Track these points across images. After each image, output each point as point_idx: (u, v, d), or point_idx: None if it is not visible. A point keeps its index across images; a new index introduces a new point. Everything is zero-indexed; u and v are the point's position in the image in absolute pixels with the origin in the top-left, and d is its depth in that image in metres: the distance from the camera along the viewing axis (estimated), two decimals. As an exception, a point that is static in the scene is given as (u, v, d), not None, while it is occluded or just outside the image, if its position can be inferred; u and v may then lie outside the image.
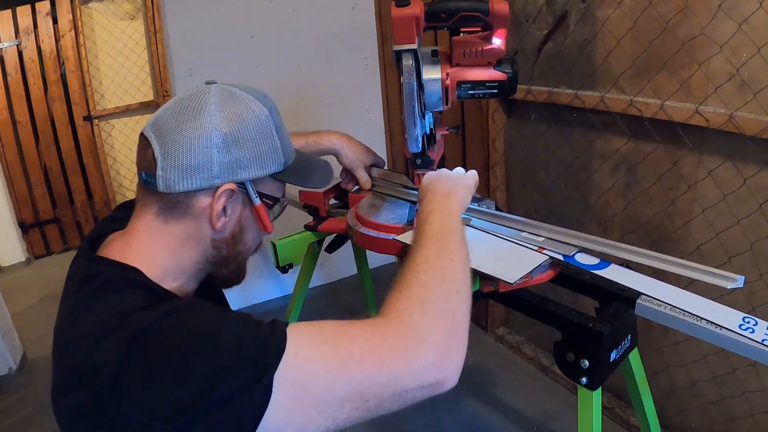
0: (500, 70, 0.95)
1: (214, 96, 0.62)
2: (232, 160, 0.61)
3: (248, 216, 0.66)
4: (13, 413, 1.87)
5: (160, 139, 0.59)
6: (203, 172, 0.59)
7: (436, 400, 0.56)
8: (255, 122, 0.63)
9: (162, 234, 0.62)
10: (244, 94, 0.64)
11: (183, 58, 2.00)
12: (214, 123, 0.60)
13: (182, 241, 0.63)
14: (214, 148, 0.59)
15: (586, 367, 0.80)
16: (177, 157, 0.59)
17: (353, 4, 2.30)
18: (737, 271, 0.75)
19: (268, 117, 0.64)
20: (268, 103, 0.67)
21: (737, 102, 1.11)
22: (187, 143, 0.59)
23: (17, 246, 3.08)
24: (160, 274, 0.62)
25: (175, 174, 0.59)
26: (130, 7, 3.10)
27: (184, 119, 0.60)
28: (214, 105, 0.61)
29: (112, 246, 0.64)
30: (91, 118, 3.11)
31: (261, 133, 0.63)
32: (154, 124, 0.61)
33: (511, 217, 0.97)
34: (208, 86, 0.64)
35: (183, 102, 0.62)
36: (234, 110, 0.62)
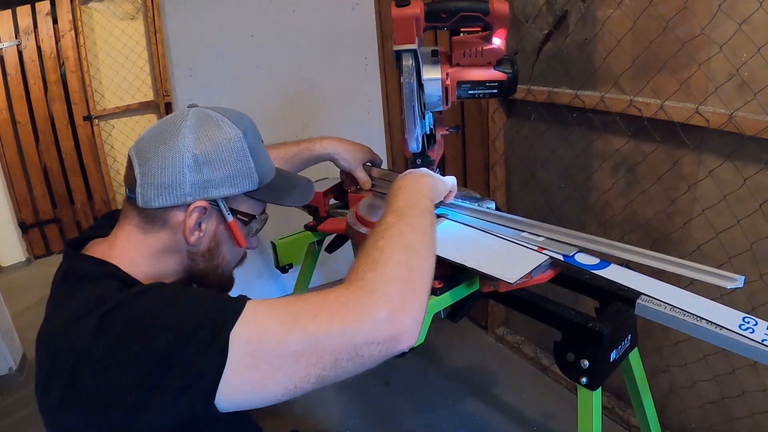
0: (500, 70, 0.95)
1: (191, 119, 0.66)
2: (203, 179, 0.65)
3: (223, 231, 0.70)
4: (13, 413, 1.87)
5: (140, 159, 0.65)
6: (176, 190, 0.64)
7: (435, 400, 0.56)
8: (227, 144, 0.67)
9: (141, 243, 0.67)
10: (220, 117, 0.68)
11: (183, 58, 2.00)
12: (186, 144, 0.64)
13: (160, 251, 0.68)
14: (186, 167, 0.64)
15: (586, 367, 0.80)
16: (153, 176, 0.64)
17: (353, 4, 2.30)
18: (737, 271, 0.75)
19: (242, 139, 0.68)
20: (245, 124, 0.70)
21: (737, 102, 1.11)
22: (161, 163, 0.64)
23: (17, 246, 3.08)
24: (139, 277, 0.66)
25: (151, 191, 0.64)
26: (130, 7, 3.10)
27: (161, 141, 0.65)
28: (189, 128, 0.65)
29: (94, 249, 0.68)
30: (91, 118, 3.12)
31: (233, 154, 0.67)
32: (137, 145, 0.67)
33: (511, 217, 0.97)
34: (189, 110, 0.68)
35: (163, 125, 0.67)
36: (207, 132, 0.66)
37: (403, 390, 1.83)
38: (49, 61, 2.97)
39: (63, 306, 0.61)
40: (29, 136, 3.02)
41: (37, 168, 3.09)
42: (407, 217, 0.68)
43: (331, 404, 1.79)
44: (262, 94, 2.17)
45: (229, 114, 0.70)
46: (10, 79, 2.90)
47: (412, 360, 1.95)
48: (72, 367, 0.53)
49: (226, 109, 0.71)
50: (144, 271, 0.67)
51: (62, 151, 3.12)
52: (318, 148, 1.13)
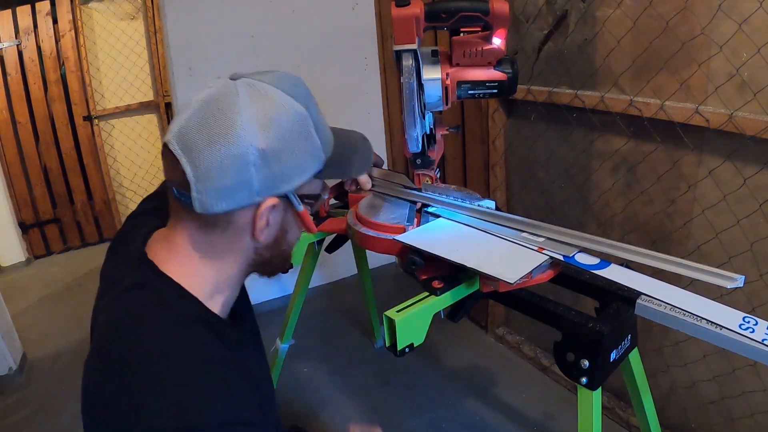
0: (500, 70, 0.95)
1: (244, 101, 0.56)
2: (272, 175, 0.57)
3: (290, 219, 0.64)
4: (13, 413, 1.87)
5: (191, 159, 0.55)
6: (242, 192, 0.56)
7: (435, 400, 0.56)
8: (293, 127, 0.58)
9: (205, 248, 0.60)
10: (276, 93, 0.58)
11: (183, 58, 2.00)
12: (249, 139, 0.54)
13: (225, 252, 0.62)
14: (252, 166, 0.55)
15: (586, 367, 0.80)
16: (212, 179, 0.54)
17: (353, 4, 2.30)
18: (737, 271, 0.75)
19: (306, 117, 0.59)
20: (304, 95, 0.61)
21: (737, 102, 1.11)
22: (221, 164, 0.54)
23: (17, 246, 3.08)
24: (209, 290, 0.61)
25: (211, 196, 0.55)
26: (130, 7, 3.10)
27: (214, 136, 0.54)
28: (246, 114, 0.55)
29: (158, 252, 0.62)
30: (91, 118, 3.12)
31: (300, 137, 0.59)
32: (180, 138, 0.55)
33: (511, 217, 0.98)
34: (234, 84, 0.58)
35: (209, 109, 0.56)
36: (268, 117, 0.56)
37: (403, 390, 1.83)
38: (49, 61, 2.97)
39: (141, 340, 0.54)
40: (29, 136, 3.02)
41: (37, 168, 3.09)
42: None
43: (331, 404, 1.79)
44: (262, 94, 2.16)
45: (284, 84, 0.60)
46: (10, 79, 2.90)
47: (412, 360, 1.95)
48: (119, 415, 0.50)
49: (275, 76, 0.60)
50: (212, 282, 0.62)
51: (62, 151, 3.12)
52: None
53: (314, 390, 1.87)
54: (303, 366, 1.99)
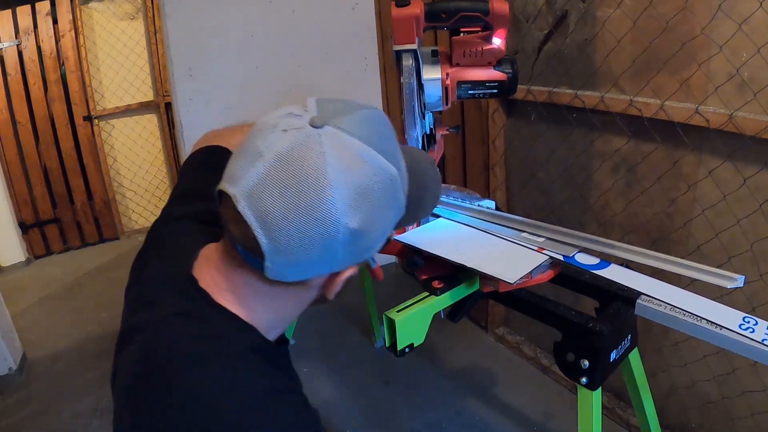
0: (500, 70, 0.95)
1: (333, 167, 0.47)
2: (358, 250, 0.52)
3: (359, 270, 0.59)
4: (13, 413, 1.87)
5: (268, 230, 0.47)
6: (322, 267, 0.52)
7: (436, 400, 0.56)
8: (384, 196, 0.50)
9: (267, 296, 0.55)
10: (368, 155, 0.49)
11: (183, 58, 2.00)
12: (340, 218, 0.47)
13: (289, 301, 0.58)
14: (339, 244, 0.49)
15: (586, 367, 0.80)
16: (292, 255, 0.49)
17: (353, 4, 2.30)
18: (737, 271, 0.75)
19: (396, 178, 0.51)
20: (391, 147, 0.53)
21: (737, 102, 1.11)
22: (304, 242, 0.48)
23: (17, 246, 3.08)
24: (265, 328, 0.57)
25: (288, 269, 0.50)
26: (130, 7, 3.10)
27: (299, 208, 0.46)
28: (338, 187, 0.46)
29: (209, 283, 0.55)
30: (91, 118, 3.12)
31: (389, 204, 0.52)
32: (252, 201, 0.47)
33: (511, 217, 0.98)
34: (318, 138, 0.48)
35: (291, 172, 0.46)
36: (361, 190, 0.48)
37: (403, 390, 1.83)
38: (49, 61, 2.96)
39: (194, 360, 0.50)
40: (29, 136, 3.02)
41: (37, 168, 3.09)
42: None
43: (331, 404, 1.79)
44: (262, 94, 2.17)
45: (373, 137, 0.50)
46: (10, 79, 2.90)
47: (412, 360, 1.95)
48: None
49: (363, 126, 0.51)
50: (270, 322, 0.57)
51: (62, 151, 3.12)
52: None
53: (314, 390, 1.87)
54: (303, 366, 1.99)
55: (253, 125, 0.52)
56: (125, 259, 3.08)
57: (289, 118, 0.50)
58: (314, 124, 0.49)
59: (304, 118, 0.49)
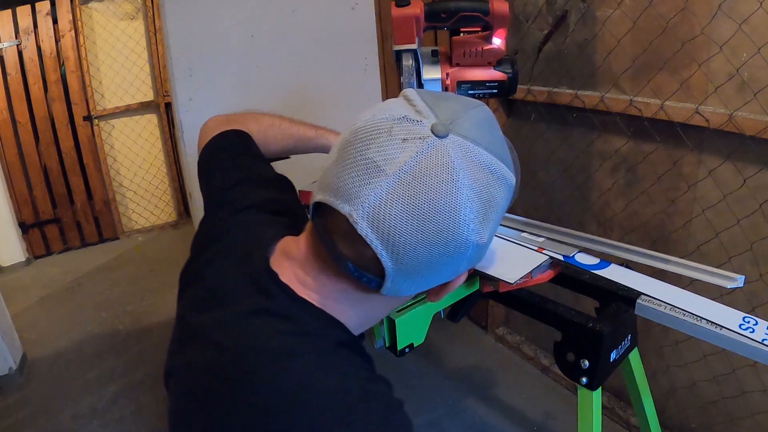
0: (500, 70, 0.95)
1: (464, 184, 0.43)
2: (477, 260, 0.50)
3: None
4: (13, 413, 1.87)
5: (393, 253, 0.44)
6: (442, 279, 0.50)
7: (435, 400, 0.56)
8: (505, 204, 0.49)
9: (364, 303, 0.52)
10: (495, 166, 0.46)
11: (183, 58, 2.00)
12: (470, 237, 0.45)
13: (387, 307, 0.57)
14: (465, 259, 0.47)
15: (586, 367, 0.80)
16: (418, 275, 0.47)
17: (353, 4, 2.30)
18: (737, 271, 0.75)
19: (513, 186, 0.49)
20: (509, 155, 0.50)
21: (737, 102, 1.11)
22: (433, 263, 0.46)
23: (17, 246, 3.08)
24: (353, 327, 0.54)
25: (408, 287, 0.48)
26: (130, 7, 3.10)
27: (430, 230, 0.43)
28: (468, 203, 0.44)
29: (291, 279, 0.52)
30: (91, 118, 3.12)
31: (504, 211, 0.50)
32: (374, 222, 0.43)
33: (511, 217, 0.98)
34: (446, 151, 0.44)
35: (419, 189, 0.43)
36: (489, 202, 0.45)
37: (403, 390, 1.83)
38: (49, 61, 2.96)
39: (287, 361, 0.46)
40: (29, 136, 3.02)
41: (37, 168, 3.09)
42: None
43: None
44: (262, 94, 2.17)
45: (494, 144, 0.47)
46: (10, 79, 2.90)
47: (412, 360, 1.95)
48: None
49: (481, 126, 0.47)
50: (358, 322, 0.54)
51: (62, 151, 3.12)
52: (332, 140, 1.08)
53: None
54: (303, 366, 1.99)
55: (353, 128, 0.48)
56: (125, 259, 3.09)
57: (406, 124, 0.45)
58: (438, 133, 0.44)
59: (424, 125, 0.45)
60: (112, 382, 1.99)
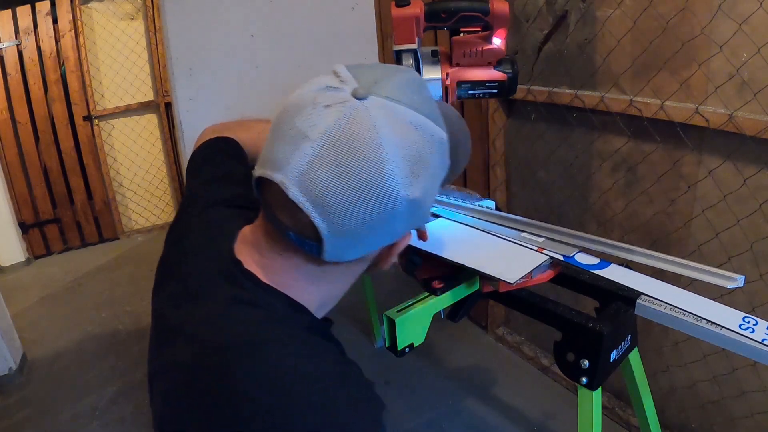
0: (500, 70, 0.95)
1: (387, 138, 0.44)
2: (415, 219, 0.50)
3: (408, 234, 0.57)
4: (13, 413, 1.87)
5: (326, 214, 0.45)
6: (382, 240, 0.51)
7: (435, 400, 0.56)
8: (437, 162, 0.49)
9: (317, 276, 0.53)
10: (420, 122, 0.47)
11: (183, 58, 2.00)
12: (399, 191, 0.45)
13: (340, 277, 0.56)
14: (399, 217, 0.47)
15: (586, 367, 0.80)
16: (351, 235, 0.47)
17: (353, 4, 2.30)
18: (737, 271, 0.75)
19: (444, 141, 0.50)
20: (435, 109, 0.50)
21: (737, 102, 1.11)
22: (365, 221, 0.46)
23: (17, 246, 3.08)
24: (315, 307, 0.55)
25: (347, 250, 0.49)
26: (130, 7, 3.10)
27: (357, 187, 0.44)
28: (393, 159, 0.44)
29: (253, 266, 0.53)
30: (91, 118, 3.12)
31: (442, 167, 0.51)
32: (304, 185, 0.45)
33: (511, 217, 0.98)
34: (367, 111, 0.45)
35: (342, 149, 0.44)
36: (416, 158, 0.46)
37: (403, 390, 1.83)
38: (49, 61, 2.96)
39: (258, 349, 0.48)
40: (29, 136, 3.02)
41: (37, 168, 3.09)
42: None
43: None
44: (262, 94, 2.17)
45: (414, 100, 0.48)
46: (10, 79, 2.90)
47: (412, 360, 1.95)
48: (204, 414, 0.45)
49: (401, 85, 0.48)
50: (322, 300, 0.56)
51: (62, 151, 3.12)
52: None
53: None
54: (303, 366, 1.99)
55: (284, 105, 0.49)
56: (125, 259, 3.09)
57: (328, 92, 0.46)
58: (358, 96, 0.46)
59: (345, 90, 0.46)
60: (112, 382, 1.99)
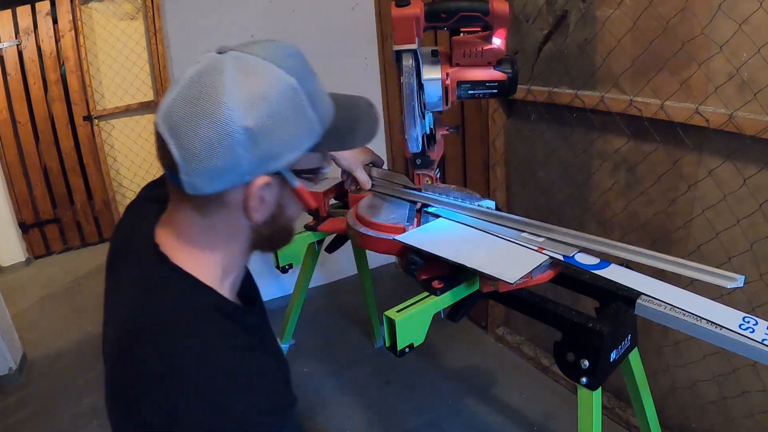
0: (500, 70, 0.95)
1: (230, 76, 0.52)
2: (262, 154, 0.54)
3: (287, 195, 0.60)
4: (13, 413, 1.87)
5: (177, 140, 0.52)
6: (231, 173, 0.53)
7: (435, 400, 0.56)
8: (283, 102, 0.54)
9: (207, 231, 0.59)
10: (266, 67, 0.54)
11: (183, 58, 2.00)
12: (234, 117, 0.51)
13: (226, 234, 0.60)
14: (239, 146, 0.52)
15: (586, 367, 0.80)
16: (199, 161, 0.52)
17: (353, 5, 2.30)
18: (737, 271, 0.75)
19: (297, 89, 0.55)
20: (296, 65, 0.57)
21: (737, 102, 1.11)
22: (207, 145, 0.51)
23: (17, 246, 3.08)
24: (219, 275, 0.60)
25: (200, 178, 0.53)
26: (130, 7, 3.10)
27: (198, 113, 0.51)
28: (232, 91, 0.51)
29: (166, 242, 0.60)
30: (91, 118, 3.12)
31: (291, 112, 0.55)
32: (166, 117, 0.52)
33: (511, 217, 0.98)
34: (221, 59, 0.54)
35: (195, 87, 0.52)
36: (256, 93, 0.52)
37: (403, 390, 1.83)
38: (49, 61, 2.96)
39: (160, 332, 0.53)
40: (29, 136, 3.02)
41: (37, 168, 3.09)
42: None
43: (331, 404, 1.79)
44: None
45: (274, 55, 0.55)
46: (10, 79, 2.90)
47: (412, 360, 1.95)
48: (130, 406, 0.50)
49: (265, 47, 0.56)
50: (220, 266, 0.60)
51: (62, 151, 3.12)
52: None
53: (314, 390, 1.87)
54: (303, 366, 1.99)
55: None
56: (125, 259, 3.08)
57: (204, 55, 0.57)
58: (219, 51, 0.56)
59: (213, 50, 0.56)
60: (112, 382, 1.99)
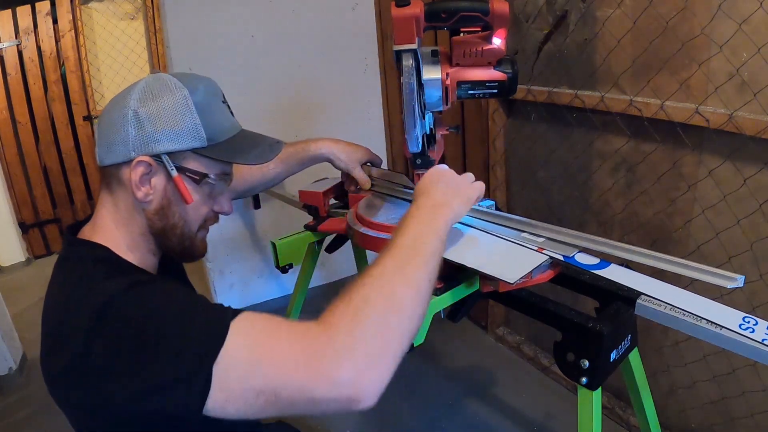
0: (500, 70, 0.95)
1: (144, 82, 0.70)
2: (145, 135, 0.67)
3: (172, 189, 0.71)
4: (13, 413, 1.87)
5: (99, 123, 0.72)
6: (121, 147, 0.68)
7: (435, 400, 0.56)
8: (170, 101, 0.69)
9: (112, 207, 0.71)
10: (170, 78, 0.70)
11: (183, 58, 2.00)
12: (131, 103, 0.68)
13: (125, 212, 0.71)
14: (128, 124, 0.67)
15: (586, 367, 0.80)
16: (104, 135, 0.69)
17: (353, 4, 2.30)
18: (737, 271, 0.74)
19: (186, 97, 0.69)
20: (196, 84, 0.71)
21: (737, 102, 1.11)
22: (109, 122, 0.69)
23: (17, 246, 3.08)
24: (123, 247, 0.71)
25: (101, 149, 0.69)
26: (130, 7, 3.10)
27: (114, 102, 0.70)
28: (138, 89, 0.69)
29: (85, 228, 0.74)
30: (91, 118, 3.12)
31: (175, 110, 0.69)
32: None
33: (511, 217, 0.97)
34: (147, 75, 0.73)
35: (124, 90, 0.71)
36: (152, 91, 0.69)
37: (403, 390, 1.83)
38: (49, 61, 2.97)
39: (60, 289, 0.66)
40: (29, 136, 3.03)
41: (37, 168, 3.09)
42: (407, 268, 0.63)
43: (331, 404, 1.79)
44: (262, 95, 2.17)
45: (185, 77, 0.72)
46: (10, 79, 2.90)
47: (412, 360, 1.95)
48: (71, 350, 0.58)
49: (187, 74, 0.73)
50: (124, 239, 0.71)
51: (62, 151, 3.12)
52: (313, 149, 1.13)
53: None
54: (303, 366, 1.99)
55: None
56: (125, 259, 3.08)
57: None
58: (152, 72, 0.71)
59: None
60: (112, 382, 1.99)
